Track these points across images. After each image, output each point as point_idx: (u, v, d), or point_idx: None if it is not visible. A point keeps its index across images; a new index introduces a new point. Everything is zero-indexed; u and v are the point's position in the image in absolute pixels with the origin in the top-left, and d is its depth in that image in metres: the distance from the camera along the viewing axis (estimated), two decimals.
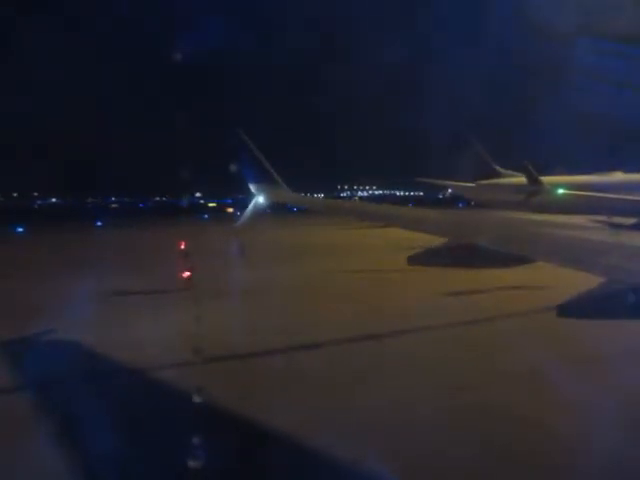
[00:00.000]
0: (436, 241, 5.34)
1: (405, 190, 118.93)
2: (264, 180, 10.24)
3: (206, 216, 53.44)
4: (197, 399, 6.50)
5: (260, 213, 11.31)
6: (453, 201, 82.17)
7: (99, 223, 45.68)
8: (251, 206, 10.68)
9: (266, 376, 9.15)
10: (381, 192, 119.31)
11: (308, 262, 22.18)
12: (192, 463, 5.21)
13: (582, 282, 3.68)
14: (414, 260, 5.57)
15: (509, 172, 38.40)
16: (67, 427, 7.20)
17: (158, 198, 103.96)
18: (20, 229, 38.82)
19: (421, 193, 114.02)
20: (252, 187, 10.45)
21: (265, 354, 10.35)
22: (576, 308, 3.71)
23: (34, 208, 78.43)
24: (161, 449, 6.55)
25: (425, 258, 5.60)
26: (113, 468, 6.06)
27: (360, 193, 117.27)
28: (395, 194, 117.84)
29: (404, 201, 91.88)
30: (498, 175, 38.65)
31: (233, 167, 11.17)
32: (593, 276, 3.65)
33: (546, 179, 32.29)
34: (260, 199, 10.51)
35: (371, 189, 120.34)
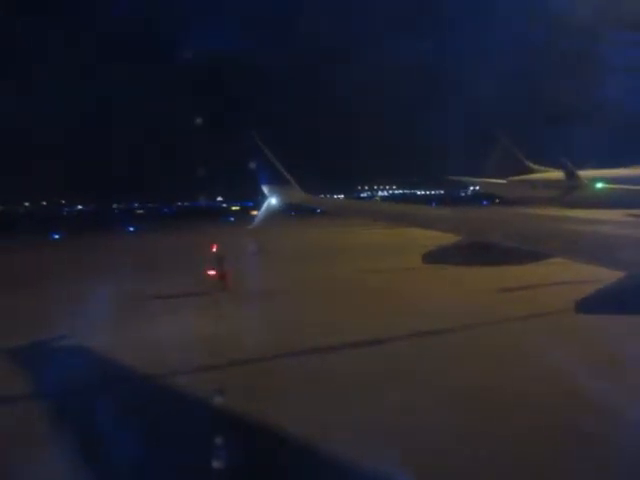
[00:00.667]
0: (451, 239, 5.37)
1: (426, 189, 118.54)
2: (277, 181, 10.24)
3: (232, 219, 53.99)
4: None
5: (277, 214, 11.27)
6: (476, 199, 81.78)
7: (131, 229, 46.54)
8: (264, 208, 10.69)
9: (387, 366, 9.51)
10: (401, 191, 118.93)
11: (338, 262, 22.13)
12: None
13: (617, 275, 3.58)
14: (428, 258, 5.53)
15: (541, 168, 38.12)
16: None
17: (180, 203, 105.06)
18: (57, 236, 39.72)
19: (442, 192, 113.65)
20: (265, 189, 10.48)
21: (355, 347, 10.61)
22: (595, 304, 3.59)
23: (63, 215, 79.92)
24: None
25: (439, 256, 5.55)
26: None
27: (380, 193, 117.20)
28: (415, 193, 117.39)
29: (426, 200, 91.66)
30: (529, 171, 38.38)
31: (250, 169, 11.21)
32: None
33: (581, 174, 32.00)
34: (273, 201, 10.51)
35: (391, 188, 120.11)
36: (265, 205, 10.62)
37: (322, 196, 12.48)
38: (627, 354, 8.74)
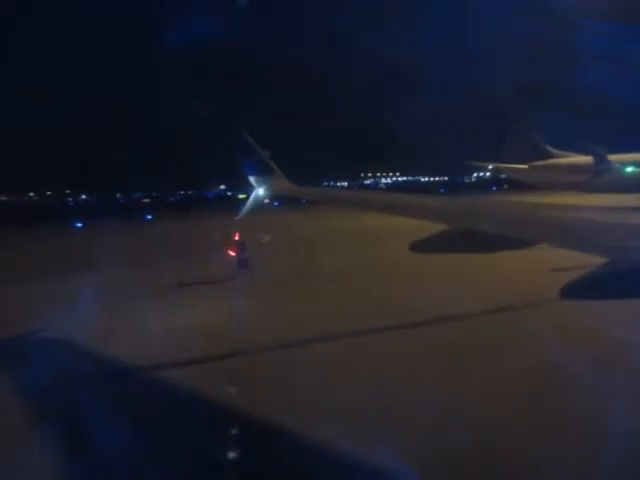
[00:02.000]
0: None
1: (430, 176, 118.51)
2: (263, 172, 10.29)
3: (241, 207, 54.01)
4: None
5: (262, 205, 11.31)
6: (482, 185, 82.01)
7: (149, 217, 46.63)
8: (251, 198, 10.67)
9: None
10: (405, 179, 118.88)
11: (359, 248, 21.99)
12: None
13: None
14: (417, 247, 5.52)
15: (562, 152, 38.21)
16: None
17: (183, 192, 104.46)
18: (79, 224, 39.60)
19: (446, 178, 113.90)
20: (252, 179, 10.51)
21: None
22: (579, 290, 3.65)
23: (71, 205, 79.50)
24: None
25: (428, 245, 5.56)
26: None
27: (384, 180, 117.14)
28: (419, 180, 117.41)
29: (432, 188, 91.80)
30: (550, 156, 38.46)
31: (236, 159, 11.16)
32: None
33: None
34: (260, 191, 10.54)
35: (395, 176, 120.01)
36: (252, 196, 10.63)
37: (310, 186, 12.50)
38: None
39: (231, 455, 6.21)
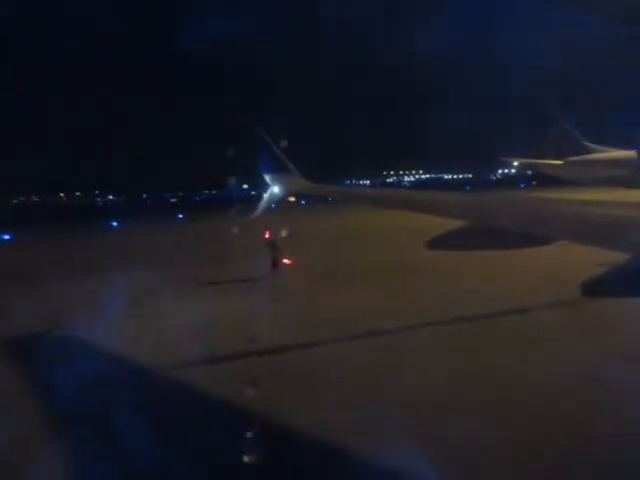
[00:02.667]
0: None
1: (454, 173, 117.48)
2: (278, 170, 10.21)
3: (273, 205, 54.30)
4: None
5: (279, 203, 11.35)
6: (509, 182, 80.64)
7: (180, 216, 47.28)
8: (267, 196, 10.66)
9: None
10: (428, 176, 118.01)
11: (384, 246, 21.69)
12: None
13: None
14: (434, 244, 5.51)
15: (600, 147, 37.39)
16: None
17: (207, 191, 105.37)
18: (115, 224, 40.32)
19: (470, 175, 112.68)
20: (267, 177, 10.47)
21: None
22: (601, 286, 3.59)
23: (100, 206, 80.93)
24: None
25: (445, 241, 5.51)
26: None
27: (407, 178, 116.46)
28: (443, 177, 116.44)
29: (458, 185, 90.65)
30: (588, 151, 37.65)
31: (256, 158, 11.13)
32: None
33: None
34: (275, 189, 10.48)
35: (418, 173, 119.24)
36: (268, 194, 10.61)
37: (326, 184, 12.40)
38: None
39: None
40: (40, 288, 16.49)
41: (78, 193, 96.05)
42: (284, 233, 17.41)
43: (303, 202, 39.47)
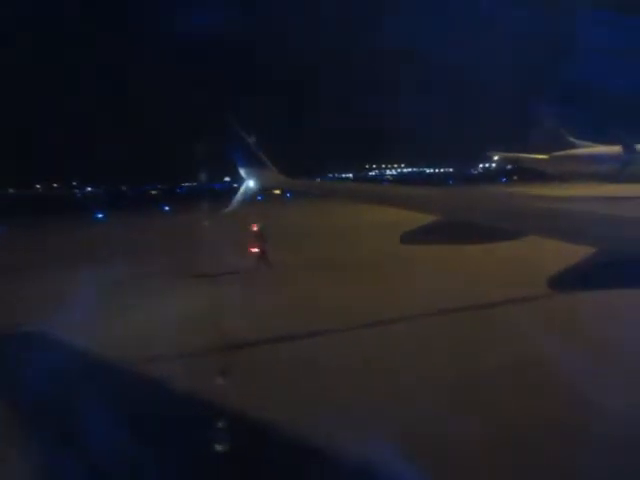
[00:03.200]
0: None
1: (435, 168, 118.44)
2: (253, 164, 10.05)
3: (259, 197, 54.05)
4: None
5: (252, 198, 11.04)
6: (490, 176, 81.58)
7: (166, 208, 47.08)
8: (241, 191, 10.44)
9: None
10: (410, 170, 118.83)
11: (361, 240, 21.83)
12: None
13: None
14: (407, 238, 5.60)
15: (585, 143, 38.20)
16: None
17: (188, 183, 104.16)
18: (100, 215, 39.77)
19: (451, 169, 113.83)
20: (242, 171, 10.28)
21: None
22: (568, 280, 3.70)
23: (80, 197, 79.64)
24: None
25: (418, 236, 5.64)
26: None
27: (389, 172, 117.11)
28: (424, 172, 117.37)
29: (440, 179, 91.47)
30: (572, 146, 38.46)
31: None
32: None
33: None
34: (250, 183, 10.28)
35: (400, 167, 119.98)
36: (242, 188, 10.39)
37: (305, 179, 12.55)
38: None
39: None
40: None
41: (55, 185, 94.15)
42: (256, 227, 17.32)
43: (288, 195, 39.26)
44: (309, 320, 11.14)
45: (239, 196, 10.47)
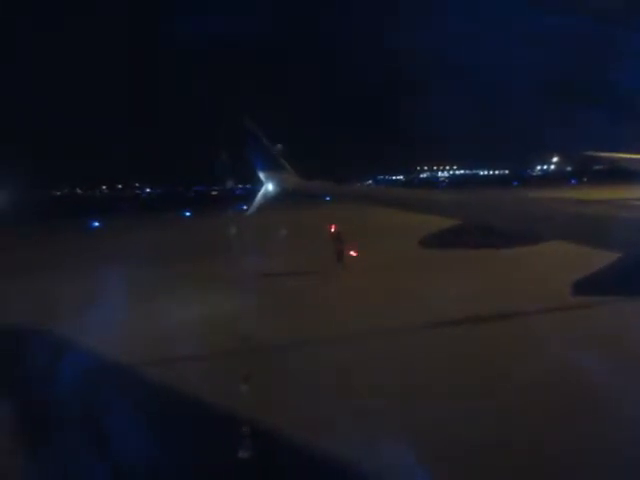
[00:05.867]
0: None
1: (490, 169, 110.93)
2: (273, 168, 10.30)
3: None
4: None
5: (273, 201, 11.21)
6: (556, 177, 72.99)
7: (187, 213, 46.18)
8: (260, 194, 10.70)
9: None
10: (462, 172, 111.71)
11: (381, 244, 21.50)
12: None
13: None
14: (426, 243, 5.66)
15: None
16: None
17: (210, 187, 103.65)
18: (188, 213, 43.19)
19: (506, 171, 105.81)
20: (261, 175, 10.60)
21: None
22: (591, 286, 3.57)
23: (143, 197, 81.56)
24: None
25: (438, 240, 5.65)
26: None
27: (441, 174, 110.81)
28: (478, 174, 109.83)
29: (504, 181, 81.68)
30: None
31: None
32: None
33: None
34: (270, 187, 10.52)
35: (451, 169, 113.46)
36: (261, 192, 10.67)
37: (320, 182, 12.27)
38: None
39: None
40: None
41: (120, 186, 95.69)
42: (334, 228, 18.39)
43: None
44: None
45: (259, 199, 10.61)
